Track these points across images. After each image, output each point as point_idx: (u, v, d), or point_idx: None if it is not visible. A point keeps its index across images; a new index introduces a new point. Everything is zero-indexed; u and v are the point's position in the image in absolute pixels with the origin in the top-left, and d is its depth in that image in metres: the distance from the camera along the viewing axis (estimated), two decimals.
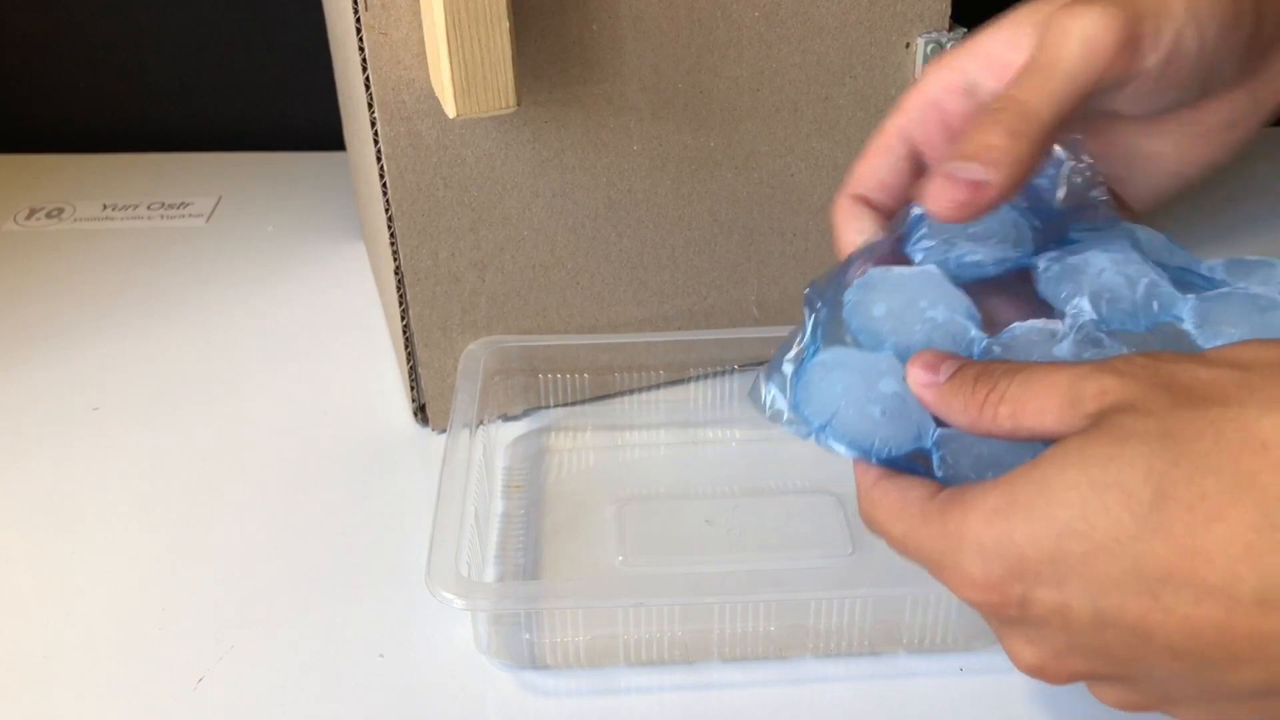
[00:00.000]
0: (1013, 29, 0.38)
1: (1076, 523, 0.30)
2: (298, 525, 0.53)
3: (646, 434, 0.57)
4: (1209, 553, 0.29)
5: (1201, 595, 0.29)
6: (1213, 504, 0.29)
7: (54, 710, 0.45)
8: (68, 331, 0.66)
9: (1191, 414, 0.30)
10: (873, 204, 0.41)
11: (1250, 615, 0.28)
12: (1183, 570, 0.29)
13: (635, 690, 0.45)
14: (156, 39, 0.82)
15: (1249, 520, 0.28)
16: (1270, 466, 0.29)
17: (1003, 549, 0.32)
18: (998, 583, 0.32)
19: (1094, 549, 0.30)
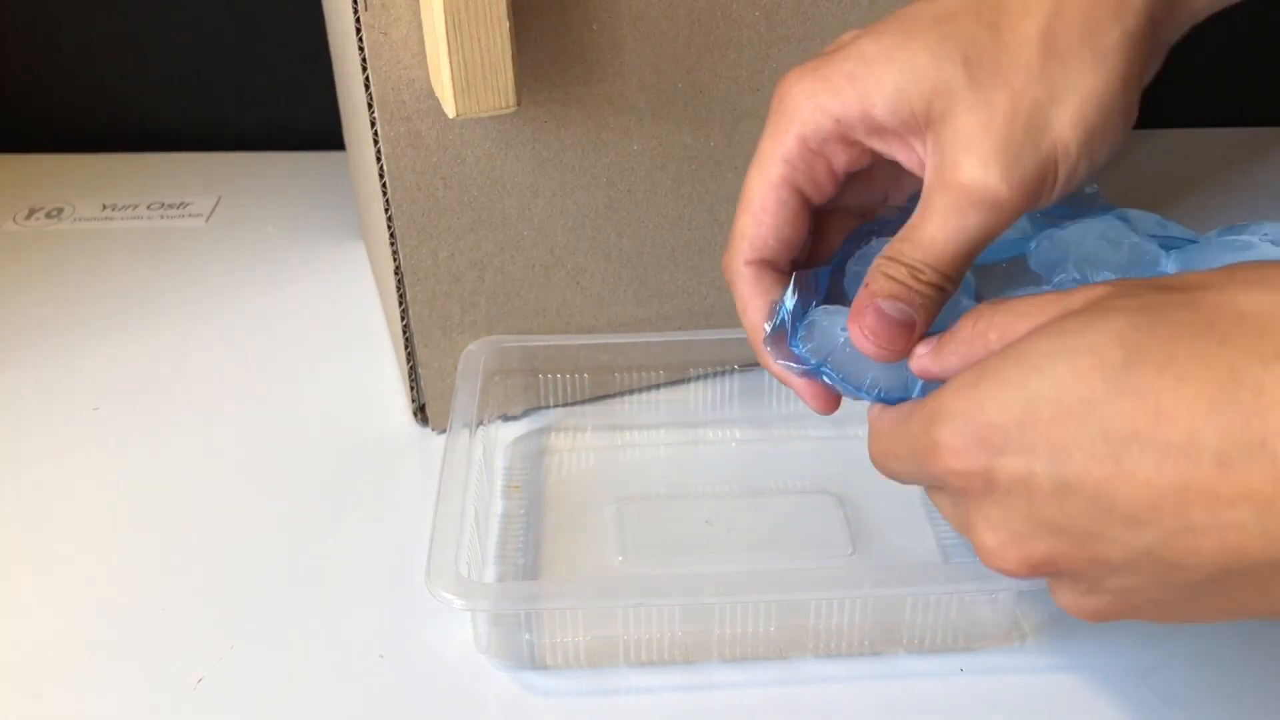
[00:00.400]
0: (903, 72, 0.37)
1: (1047, 388, 0.31)
2: (297, 525, 0.53)
3: (646, 434, 0.57)
4: (1174, 413, 0.29)
5: (1163, 456, 0.29)
6: (1182, 366, 0.29)
7: (54, 710, 0.45)
8: (68, 331, 0.66)
9: (1173, 295, 0.31)
10: (774, 265, 0.41)
11: (1209, 477, 0.28)
12: (1147, 430, 0.29)
13: (635, 691, 0.45)
14: (156, 39, 0.82)
15: (1216, 379, 0.29)
16: (1243, 331, 0.29)
17: (972, 416, 0.33)
18: (967, 450, 0.33)
19: (1062, 412, 0.31)
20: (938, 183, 0.37)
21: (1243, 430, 0.28)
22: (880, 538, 0.51)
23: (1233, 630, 0.47)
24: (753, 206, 0.40)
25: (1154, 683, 0.45)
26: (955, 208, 0.37)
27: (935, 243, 0.37)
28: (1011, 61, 0.36)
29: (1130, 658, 0.46)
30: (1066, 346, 0.31)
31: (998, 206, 0.36)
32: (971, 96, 0.36)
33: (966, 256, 0.37)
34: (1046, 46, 0.36)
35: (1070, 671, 0.46)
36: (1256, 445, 0.28)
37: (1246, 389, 0.28)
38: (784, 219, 0.40)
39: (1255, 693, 0.45)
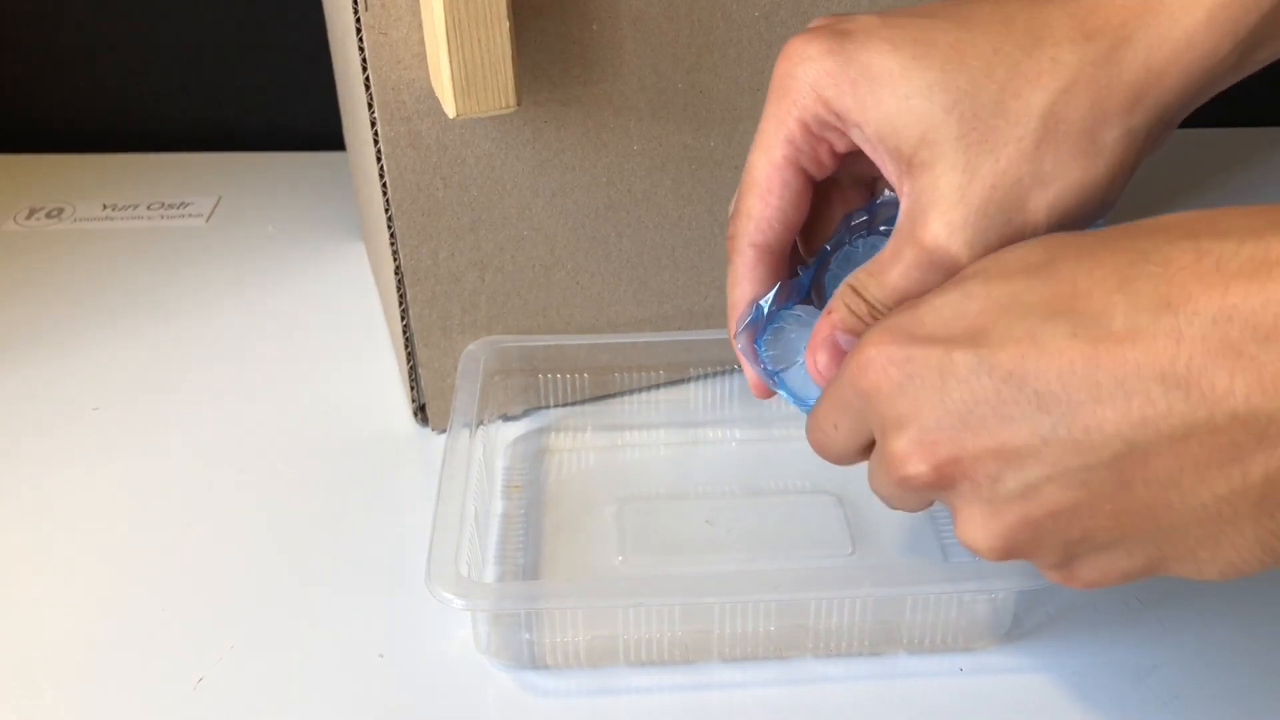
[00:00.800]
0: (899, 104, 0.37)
1: (975, 286, 0.33)
2: (297, 525, 0.53)
3: (646, 434, 0.57)
4: (1088, 290, 0.30)
5: (1076, 327, 0.30)
6: (1099, 256, 0.31)
7: (54, 710, 0.45)
8: (68, 331, 0.66)
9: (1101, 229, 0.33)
10: (777, 250, 0.41)
11: (1118, 344, 0.29)
12: (1063, 307, 0.30)
13: (635, 690, 0.45)
14: (156, 39, 0.82)
15: (1128, 259, 0.30)
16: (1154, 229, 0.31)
17: (904, 322, 0.34)
18: (887, 339, 0.34)
19: (988, 304, 0.32)
20: (909, 229, 0.37)
21: (1150, 296, 0.29)
22: (880, 538, 0.51)
23: (1233, 630, 0.47)
24: (758, 187, 0.40)
25: (1154, 683, 0.45)
26: (917, 263, 0.37)
27: (897, 290, 0.38)
28: (1007, 131, 0.36)
29: (1130, 658, 0.46)
30: (995, 257, 0.34)
31: (954, 270, 0.36)
32: (957, 155, 0.36)
33: None
34: (1046, 126, 0.35)
35: (1070, 672, 0.46)
36: (1162, 307, 0.29)
37: (1154, 263, 0.29)
38: (789, 200, 0.40)
39: (1255, 693, 0.45)
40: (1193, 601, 0.48)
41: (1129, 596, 0.49)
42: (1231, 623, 0.48)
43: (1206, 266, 0.28)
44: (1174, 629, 0.47)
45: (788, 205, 0.40)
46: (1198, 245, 0.29)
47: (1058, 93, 0.35)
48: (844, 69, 0.37)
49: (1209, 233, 0.29)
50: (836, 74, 0.37)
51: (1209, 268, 0.28)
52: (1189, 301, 0.28)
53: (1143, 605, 0.48)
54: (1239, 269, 0.28)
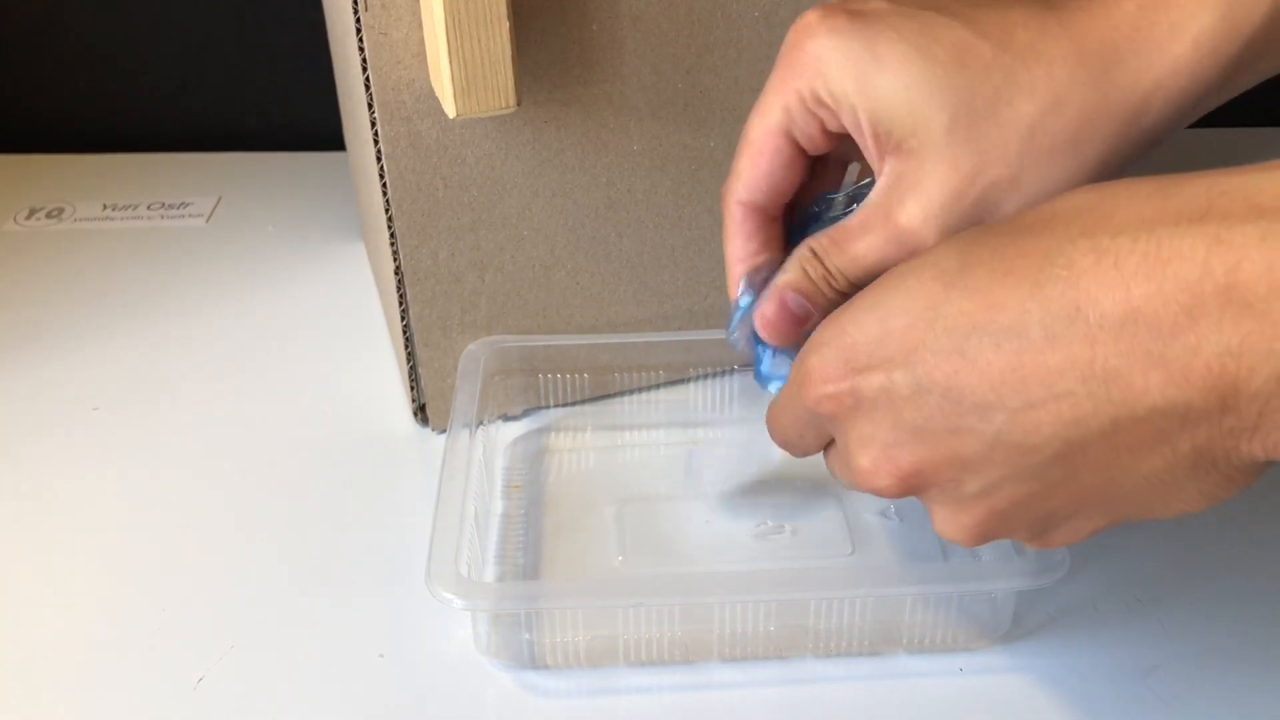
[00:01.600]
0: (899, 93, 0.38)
1: (897, 302, 0.34)
2: (298, 525, 0.53)
3: (646, 434, 0.57)
4: (1003, 302, 0.31)
5: (999, 340, 0.31)
6: (1009, 261, 0.32)
7: (54, 710, 0.45)
8: (68, 331, 0.66)
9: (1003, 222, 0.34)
10: (763, 209, 0.43)
11: (1038, 351, 0.31)
12: (983, 321, 0.32)
13: (635, 690, 0.45)
14: (156, 39, 0.82)
15: (1035, 264, 0.31)
16: (1055, 223, 0.32)
17: (837, 340, 0.35)
18: (833, 372, 0.35)
19: (912, 320, 0.33)
20: (880, 210, 0.39)
21: (1061, 303, 0.30)
22: (880, 538, 0.51)
23: (1233, 630, 0.47)
24: (751, 148, 0.42)
25: (1154, 683, 0.45)
26: (885, 240, 0.39)
27: (857, 260, 0.40)
28: (995, 135, 0.37)
29: (1130, 658, 0.46)
30: (911, 267, 0.35)
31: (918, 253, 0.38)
32: (944, 150, 0.38)
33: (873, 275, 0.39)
34: (1033, 137, 0.37)
35: (1070, 672, 0.46)
36: (1074, 313, 0.30)
37: (1059, 266, 0.31)
38: (778, 164, 0.42)
39: (1255, 693, 0.45)
40: (1193, 601, 0.48)
41: (1129, 596, 0.49)
42: (1232, 623, 0.48)
43: (1106, 267, 0.30)
44: (1174, 629, 0.47)
45: (776, 169, 0.42)
46: (1096, 244, 0.30)
47: (1047, 106, 0.37)
48: (851, 51, 0.38)
49: (1104, 228, 0.30)
50: (842, 55, 0.39)
51: (1108, 268, 0.30)
52: (1095, 305, 0.30)
53: (1143, 605, 0.48)
54: (1135, 269, 0.29)
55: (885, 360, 0.34)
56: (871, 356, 0.34)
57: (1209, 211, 0.29)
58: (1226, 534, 0.51)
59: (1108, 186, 0.32)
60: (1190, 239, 0.29)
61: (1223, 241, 0.28)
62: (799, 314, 0.41)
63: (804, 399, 0.37)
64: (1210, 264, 0.28)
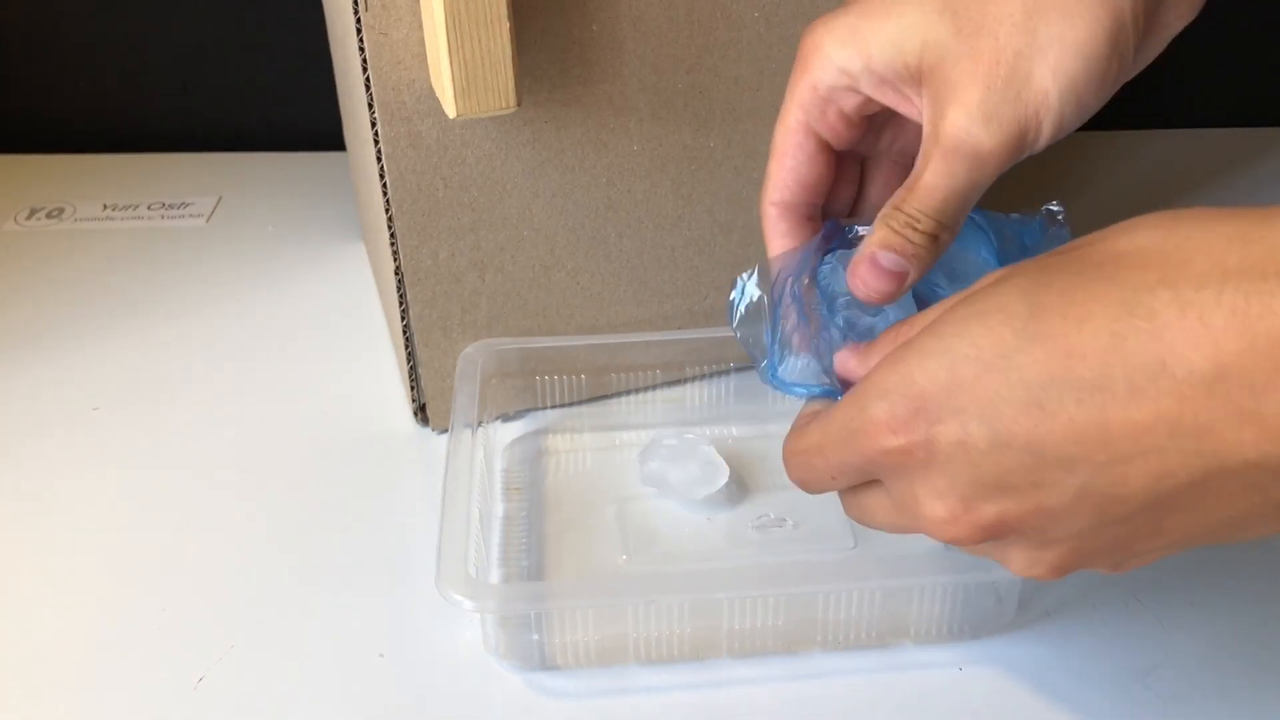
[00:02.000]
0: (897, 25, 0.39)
1: (965, 349, 0.33)
2: (298, 525, 0.53)
3: (644, 434, 0.57)
4: (1082, 352, 0.31)
5: (1081, 394, 0.31)
6: (1081, 307, 0.31)
7: (54, 710, 0.45)
8: (68, 331, 0.66)
9: (1065, 255, 0.33)
10: (795, 208, 0.43)
11: (1124, 407, 0.30)
12: (1061, 373, 0.31)
13: (645, 690, 0.45)
14: (156, 39, 0.82)
15: (1112, 313, 0.30)
16: (1127, 266, 0.31)
17: (904, 389, 0.34)
18: (903, 423, 0.34)
19: (983, 369, 0.32)
20: (932, 133, 0.39)
21: (1144, 356, 0.30)
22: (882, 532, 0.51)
23: (1233, 630, 0.47)
24: (775, 150, 0.43)
25: (1154, 683, 0.45)
26: (944, 157, 0.38)
27: (930, 191, 0.39)
28: (996, 12, 0.38)
29: (1130, 658, 0.46)
30: (976, 310, 0.33)
31: (981, 157, 0.38)
32: (958, 46, 0.38)
33: (960, 204, 0.39)
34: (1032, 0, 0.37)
35: (1070, 671, 0.46)
36: (1159, 368, 0.29)
37: (1140, 318, 0.30)
38: (801, 160, 0.42)
39: (1255, 693, 0.45)
40: (1193, 601, 0.48)
41: (1129, 596, 0.49)
42: (1231, 622, 0.48)
43: (1191, 321, 0.29)
44: (1174, 629, 0.47)
45: (800, 165, 0.42)
46: (1178, 296, 0.29)
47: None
48: (842, 23, 0.40)
49: (1184, 278, 0.30)
50: (836, 30, 0.40)
51: (1194, 323, 0.29)
52: (1183, 362, 0.29)
53: (1143, 605, 0.48)
54: (1225, 325, 0.29)
55: (958, 409, 0.33)
56: (942, 406, 0.33)
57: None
58: None
59: (1178, 223, 0.31)
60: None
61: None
62: (896, 270, 0.39)
63: (864, 448, 0.35)
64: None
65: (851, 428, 0.36)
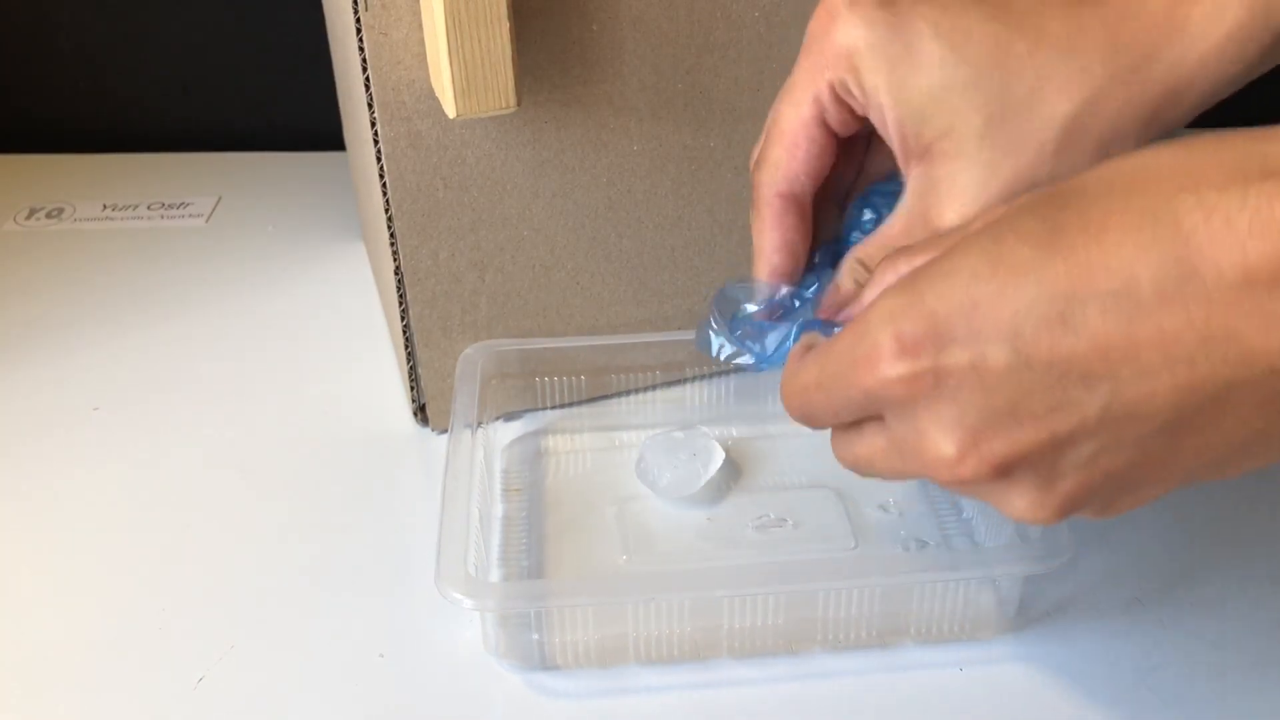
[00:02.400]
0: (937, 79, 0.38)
1: (981, 266, 0.31)
2: (298, 525, 0.53)
3: (644, 434, 0.57)
4: (1105, 262, 0.30)
5: (1107, 306, 0.29)
6: (1101, 220, 0.30)
7: (54, 710, 0.45)
8: (68, 331, 0.66)
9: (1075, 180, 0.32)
10: (802, 199, 0.42)
11: (1152, 314, 0.29)
12: (1084, 285, 0.30)
13: (646, 689, 0.45)
14: (156, 39, 0.82)
15: (1134, 222, 0.29)
16: (1143, 179, 0.30)
17: (914, 310, 0.32)
18: (912, 345, 0.32)
19: (1000, 285, 0.31)
20: (919, 214, 0.38)
21: (1174, 263, 0.29)
22: (881, 531, 0.51)
23: (1233, 630, 0.47)
24: (786, 139, 0.41)
25: (1154, 683, 0.45)
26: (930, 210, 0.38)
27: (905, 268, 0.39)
28: (1032, 135, 0.37)
29: (1130, 658, 0.46)
30: (991, 233, 0.32)
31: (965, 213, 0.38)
32: (980, 152, 0.37)
33: None
34: (1068, 134, 0.37)
35: (1070, 671, 0.46)
36: (1189, 275, 0.29)
37: (1165, 225, 0.29)
38: (814, 154, 0.41)
39: (1255, 693, 0.45)
40: (1193, 601, 0.48)
41: (1129, 596, 0.49)
42: (1232, 622, 0.48)
43: (1217, 225, 0.28)
44: (1174, 629, 0.47)
45: (813, 158, 0.41)
46: (1202, 200, 0.29)
47: (1083, 104, 0.36)
48: (884, 44, 0.38)
49: (1206, 183, 0.29)
50: (875, 48, 0.38)
51: (1219, 225, 0.28)
52: (1212, 265, 0.28)
53: (1143, 604, 0.48)
54: (1249, 227, 0.28)
55: (974, 332, 0.31)
56: (956, 326, 0.31)
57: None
58: (1227, 533, 0.51)
59: (1192, 143, 0.30)
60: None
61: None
62: None
63: (864, 379, 0.33)
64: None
65: (854, 355, 0.33)
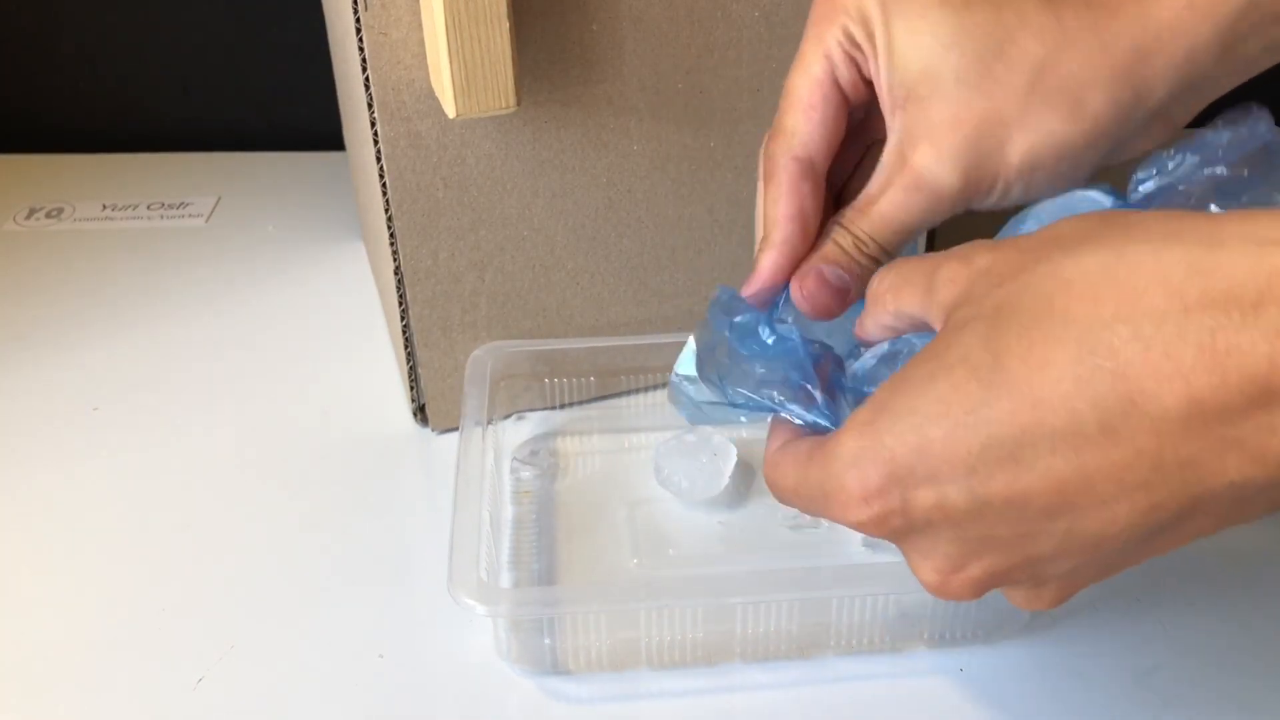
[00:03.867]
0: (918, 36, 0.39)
1: (933, 406, 0.32)
2: (298, 525, 0.53)
3: (654, 436, 0.57)
4: (1048, 399, 0.30)
5: (1055, 443, 0.30)
6: (1040, 351, 0.30)
7: (54, 710, 0.45)
8: (68, 331, 0.66)
9: (1013, 284, 0.32)
10: (818, 169, 0.41)
11: (1100, 448, 0.29)
12: (1031, 423, 0.30)
13: (658, 694, 0.45)
14: (156, 39, 0.82)
15: (1071, 355, 0.29)
16: (1078, 298, 0.30)
17: (874, 454, 0.33)
18: (876, 491, 0.33)
19: (952, 426, 0.31)
20: (896, 160, 0.39)
21: (1113, 397, 0.29)
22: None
23: (1233, 630, 0.47)
24: (800, 104, 0.41)
25: (1154, 683, 0.45)
26: (904, 189, 0.39)
27: (884, 218, 0.39)
28: (1003, 75, 0.38)
29: (1130, 658, 0.46)
30: (942, 365, 0.32)
31: (940, 197, 0.39)
32: (952, 89, 0.38)
33: (907, 234, 0.40)
34: (1039, 76, 0.37)
35: (1070, 671, 0.46)
36: (1129, 406, 0.29)
37: (1101, 357, 0.29)
38: (829, 115, 0.41)
39: (1255, 693, 0.45)
40: (1193, 601, 0.48)
41: (1129, 596, 0.49)
42: (1231, 623, 0.48)
43: (1156, 359, 0.28)
44: (1174, 629, 0.47)
45: (829, 120, 0.41)
46: (1138, 333, 0.28)
47: (1054, 48, 0.37)
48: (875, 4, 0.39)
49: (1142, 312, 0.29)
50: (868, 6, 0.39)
51: (1159, 359, 0.28)
52: (1154, 400, 0.28)
53: (1143, 606, 0.48)
54: (1193, 362, 0.28)
55: (931, 473, 0.32)
56: (915, 467, 0.32)
57: (1261, 300, 0.27)
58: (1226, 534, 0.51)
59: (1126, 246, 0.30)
60: (1249, 334, 0.27)
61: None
62: (838, 285, 0.40)
63: (838, 516, 0.35)
64: (1276, 359, 0.27)
65: (825, 489, 0.35)
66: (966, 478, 0.31)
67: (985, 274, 0.33)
